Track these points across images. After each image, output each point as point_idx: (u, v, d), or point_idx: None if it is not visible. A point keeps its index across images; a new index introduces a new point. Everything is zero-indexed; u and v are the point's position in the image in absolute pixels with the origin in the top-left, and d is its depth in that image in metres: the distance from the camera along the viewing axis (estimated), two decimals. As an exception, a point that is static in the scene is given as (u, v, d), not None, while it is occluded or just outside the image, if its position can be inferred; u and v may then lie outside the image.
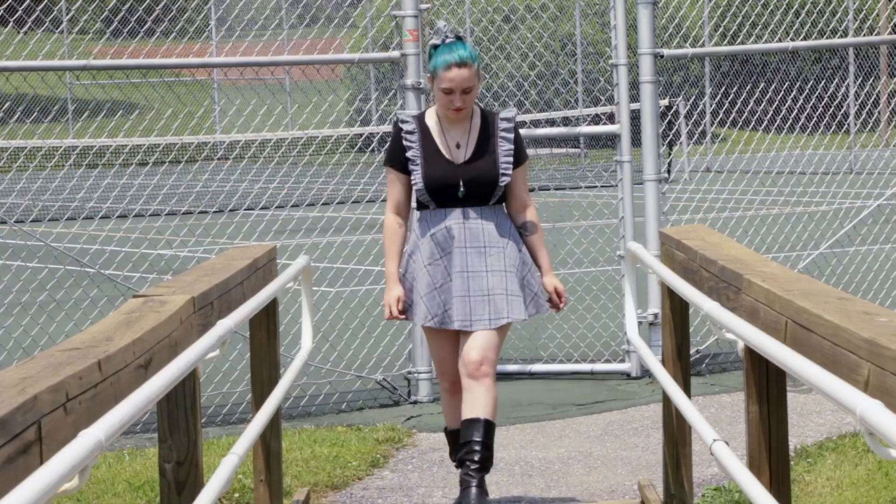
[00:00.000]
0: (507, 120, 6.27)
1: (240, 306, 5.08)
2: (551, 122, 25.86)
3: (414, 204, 6.38)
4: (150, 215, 21.29)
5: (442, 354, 6.26)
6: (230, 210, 21.90)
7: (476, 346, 6.03)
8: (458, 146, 6.20)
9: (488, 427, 6.02)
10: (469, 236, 6.12)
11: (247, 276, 5.52)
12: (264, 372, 6.07)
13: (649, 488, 6.29)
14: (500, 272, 6.09)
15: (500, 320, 6.06)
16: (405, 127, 6.21)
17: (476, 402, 6.00)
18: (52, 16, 35.77)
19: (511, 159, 6.21)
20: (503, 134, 6.24)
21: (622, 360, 9.76)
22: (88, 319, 10.24)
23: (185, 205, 23.48)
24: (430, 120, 6.26)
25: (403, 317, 6.23)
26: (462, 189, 6.11)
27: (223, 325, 4.57)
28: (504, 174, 6.18)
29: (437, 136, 6.21)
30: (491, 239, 6.13)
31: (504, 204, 6.31)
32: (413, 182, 6.17)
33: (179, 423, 4.46)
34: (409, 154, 6.16)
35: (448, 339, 6.20)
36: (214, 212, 21.52)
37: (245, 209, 21.91)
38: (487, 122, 6.27)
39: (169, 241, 19.05)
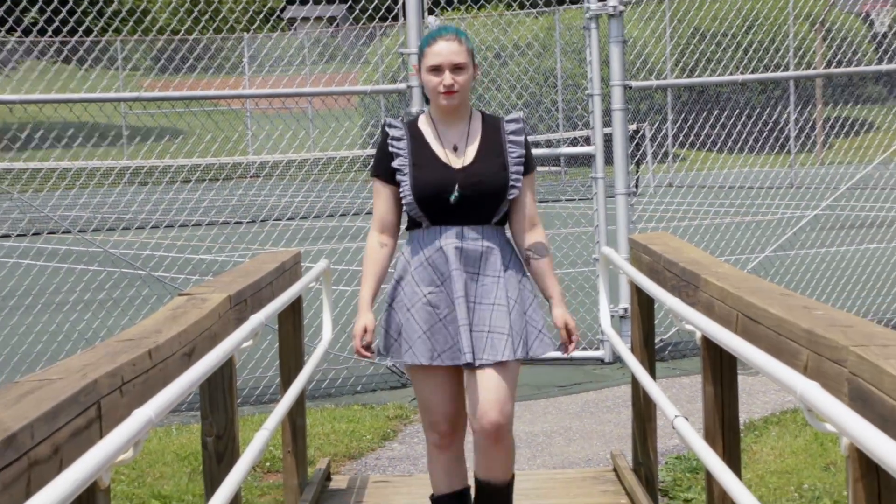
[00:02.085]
0: (516, 121, 4.60)
1: (269, 303, 5.08)
2: (535, 144, 25.87)
3: (404, 224, 4.71)
4: (192, 225, 21.30)
5: (434, 399, 4.55)
6: (261, 220, 21.91)
7: (493, 400, 4.41)
8: (455, 149, 4.52)
9: (509, 487, 4.64)
10: (464, 259, 4.45)
11: (275, 277, 5.52)
12: (291, 359, 6.06)
13: (620, 457, 6.30)
14: (488, 305, 4.43)
15: (478, 360, 4.42)
16: (392, 132, 4.54)
17: (494, 463, 4.52)
18: (108, 55, 35.75)
19: (522, 167, 4.54)
20: (512, 137, 4.56)
21: (597, 348, 9.76)
22: (140, 314, 10.24)
23: (223, 216, 23.48)
24: (423, 123, 4.58)
25: (368, 354, 4.54)
26: (456, 193, 4.42)
27: (255, 319, 4.57)
28: (514, 185, 4.50)
29: (432, 139, 4.53)
30: (488, 266, 4.47)
31: (507, 223, 4.65)
32: (402, 193, 4.52)
33: (219, 402, 4.46)
34: (395, 164, 4.51)
35: (446, 381, 4.55)
36: (247, 222, 21.51)
37: (273, 220, 21.88)
38: (491, 124, 4.59)
39: (209, 247, 19.05)
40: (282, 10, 44.32)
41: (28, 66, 33.39)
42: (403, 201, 4.53)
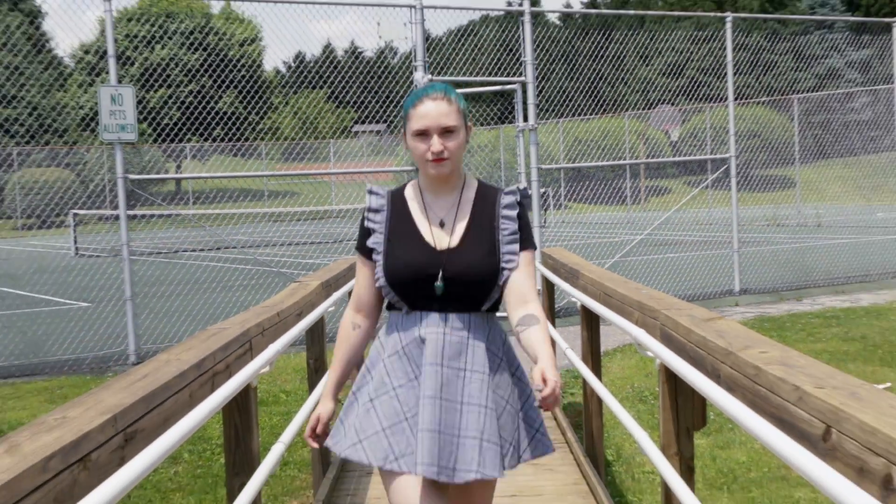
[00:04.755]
0: (512, 193, 2.16)
1: (343, 286, 5.07)
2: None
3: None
4: (302, 244, 21.24)
5: (409, 497, 2.01)
6: (339, 241, 21.83)
7: None
8: (441, 224, 2.12)
9: None
10: (448, 351, 2.06)
11: (347, 272, 5.50)
12: (356, 317, 6.01)
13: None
14: (477, 407, 2.03)
15: (466, 473, 1.98)
16: (371, 202, 2.16)
17: None
18: (257, 151, 35.67)
19: (516, 247, 2.11)
20: (506, 212, 2.13)
21: (523, 311, 9.71)
22: (273, 292, 10.19)
23: (318, 238, 23.33)
24: (410, 193, 2.19)
25: (315, 444, 2.20)
26: (440, 284, 2.06)
27: (336, 295, 4.55)
28: (505, 267, 2.10)
29: (417, 212, 2.14)
30: (476, 360, 2.07)
31: (499, 307, 2.18)
32: (376, 275, 2.15)
33: (316, 340, 4.45)
34: (370, 241, 2.15)
35: (417, 479, 2.03)
36: (331, 242, 21.34)
37: (346, 240, 21.80)
38: (484, 196, 2.17)
39: (311, 255, 18.99)
40: (351, 127, 44.70)
41: (214, 158, 33.40)
42: (377, 283, 2.16)
